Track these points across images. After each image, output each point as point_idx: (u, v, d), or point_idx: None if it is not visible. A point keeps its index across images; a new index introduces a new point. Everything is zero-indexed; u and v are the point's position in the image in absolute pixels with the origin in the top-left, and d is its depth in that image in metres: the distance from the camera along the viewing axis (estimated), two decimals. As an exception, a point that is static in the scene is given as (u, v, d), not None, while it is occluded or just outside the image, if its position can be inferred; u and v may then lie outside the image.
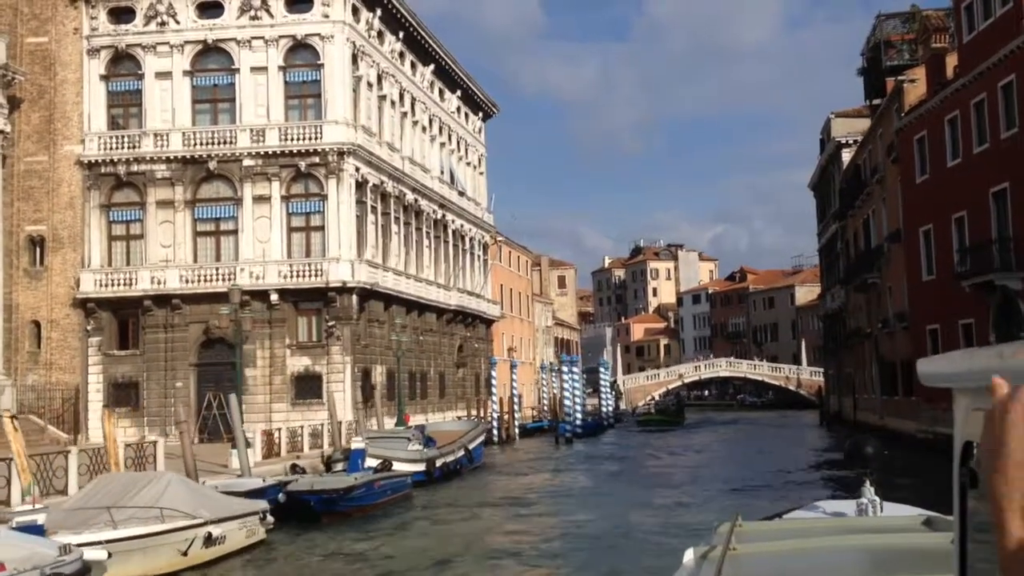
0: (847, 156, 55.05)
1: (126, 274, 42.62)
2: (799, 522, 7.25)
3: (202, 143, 43.04)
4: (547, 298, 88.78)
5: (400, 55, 50.79)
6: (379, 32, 47.74)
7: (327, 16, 43.36)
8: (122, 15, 44.25)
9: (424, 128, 54.27)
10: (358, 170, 43.60)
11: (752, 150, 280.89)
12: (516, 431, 55.98)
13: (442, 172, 56.66)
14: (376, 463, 27.34)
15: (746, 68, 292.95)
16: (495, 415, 53.82)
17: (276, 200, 42.71)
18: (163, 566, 15.60)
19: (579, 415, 58.59)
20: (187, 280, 42.19)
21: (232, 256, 42.83)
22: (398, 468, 28.05)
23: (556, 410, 62.57)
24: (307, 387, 41.58)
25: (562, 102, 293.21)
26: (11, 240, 42.55)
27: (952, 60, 36.17)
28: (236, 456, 25.80)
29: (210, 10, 43.80)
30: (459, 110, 61.34)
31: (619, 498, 28.16)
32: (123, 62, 44.37)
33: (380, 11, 46.96)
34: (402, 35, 50.23)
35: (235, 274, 41.52)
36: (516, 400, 57.78)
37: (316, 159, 42.58)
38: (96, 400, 42.43)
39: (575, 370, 60.33)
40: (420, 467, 30.09)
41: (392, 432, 33.95)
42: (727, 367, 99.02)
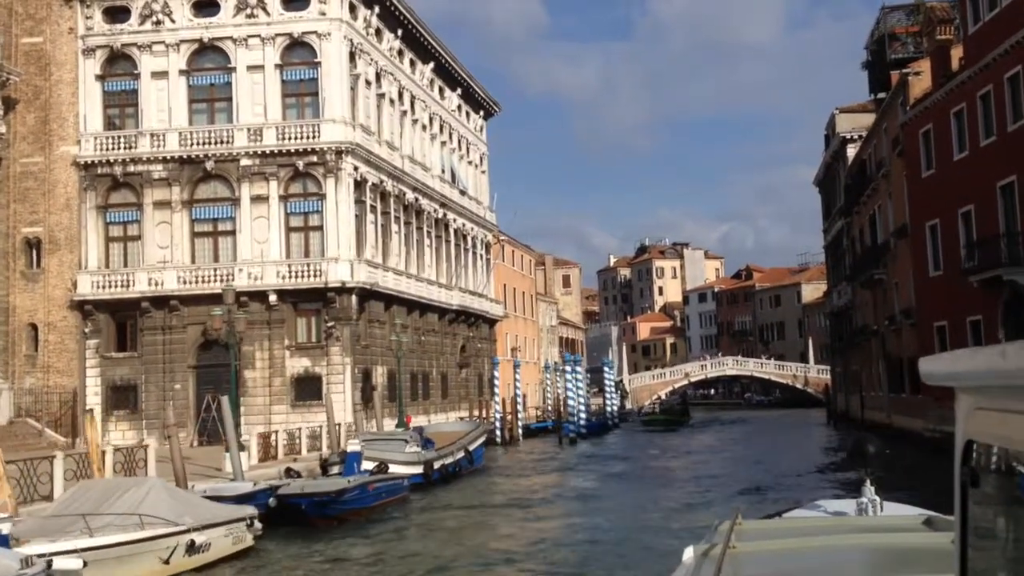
0: (852, 152, 54.51)
1: (123, 276, 42.26)
2: (799, 521, 7.27)
3: (199, 143, 42.66)
4: (551, 297, 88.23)
5: (399, 53, 50.31)
6: (377, 30, 47.26)
7: (324, 14, 42.94)
8: (117, 14, 43.88)
9: (424, 127, 53.79)
10: (357, 169, 43.17)
11: (757, 148, 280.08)
12: (519, 431, 55.49)
13: (443, 171, 56.17)
14: (372, 466, 26.85)
15: (750, 66, 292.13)
16: (498, 416, 53.29)
17: (274, 200, 42.33)
18: (144, 575, 15.08)
19: (583, 415, 58.03)
20: (185, 281, 41.80)
21: (230, 257, 42.45)
22: (395, 471, 27.55)
23: (560, 410, 62.03)
24: (307, 388, 41.19)
25: (566, 102, 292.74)
26: (7, 242, 42.25)
27: (957, 52, 35.60)
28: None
29: (206, 8, 43.42)
30: (460, 108, 60.83)
31: (621, 500, 27.66)
32: (119, 62, 44.01)
33: (378, 8, 46.50)
34: (401, 33, 49.75)
35: (233, 275, 41.16)
36: (519, 400, 57.27)
37: (314, 158, 42.18)
38: (94, 403, 42.00)
39: (579, 370, 59.79)
40: (418, 469, 29.59)
41: (389, 434, 33.45)
42: (734, 366, 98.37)
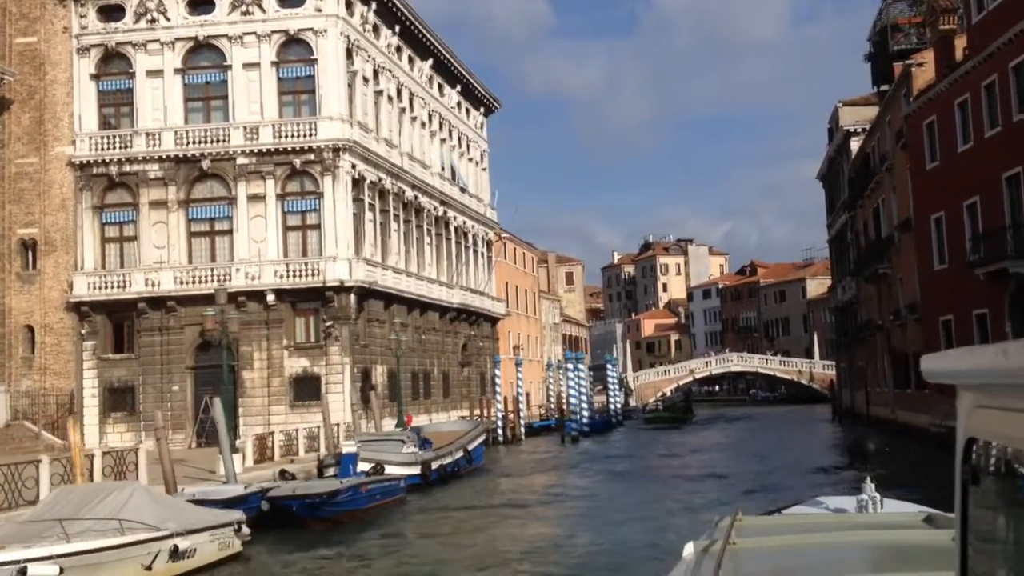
0: (855, 145, 53.95)
1: (120, 276, 41.89)
2: (799, 517, 7.29)
3: (195, 142, 42.27)
4: (554, 295, 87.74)
5: (397, 50, 49.84)
6: (374, 26, 46.81)
7: (320, 10, 42.51)
8: (112, 13, 43.48)
9: (423, 124, 53.33)
10: (354, 167, 42.74)
11: (761, 145, 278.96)
12: (522, 430, 55.02)
13: (443, 168, 55.71)
14: (368, 467, 26.40)
15: (754, 62, 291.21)
16: (500, 414, 52.87)
17: (271, 199, 41.93)
18: (125, 582, 14.67)
19: (586, 413, 57.54)
20: (182, 281, 41.42)
21: (227, 256, 42.07)
22: (391, 471, 27.10)
23: (563, 408, 61.58)
24: (306, 389, 40.77)
25: (569, 100, 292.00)
26: (3, 243, 41.92)
27: (961, 42, 35.04)
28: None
29: (201, 6, 43.00)
30: (459, 105, 60.34)
31: (623, 499, 27.16)
32: (113, 61, 43.63)
33: (375, 5, 46.04)
34: (398, 29, 49.28)
35: (230, 275, 40.79)
36: (522, 398, 56.80)
37: (311, 156, 41.76)
38: (91, 405, 41.77)
39: (581, 367, 59.27)
40: (415, 470, 29.13)
41: (386, 434, 33.01)
42: (738, 362, 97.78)
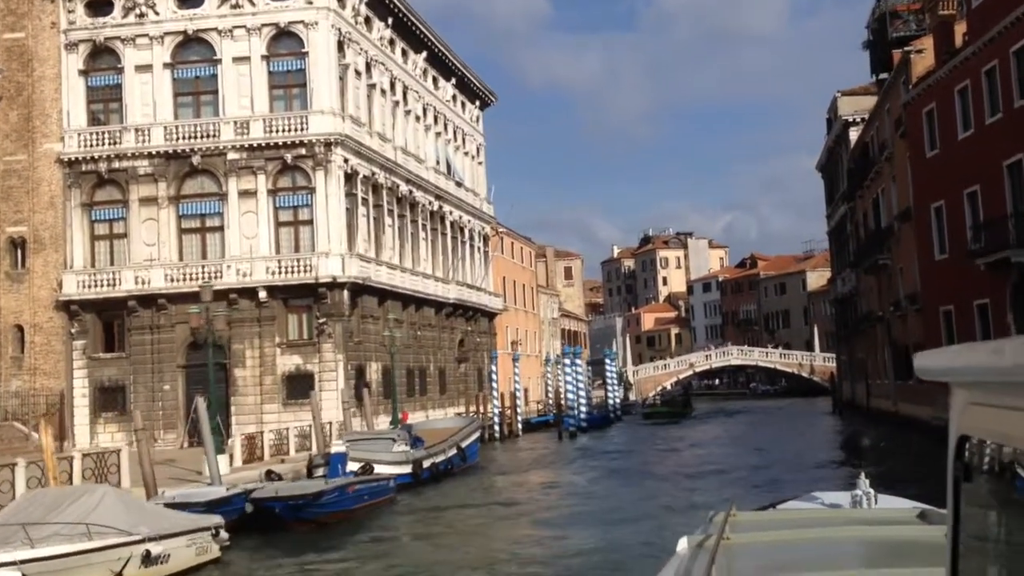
0: (854, 135, 53.38)
1: (110, 274, 41.34)
2: (793, 512, 7.32)
3: (185, 137, 41.71)
4: (553, 290, 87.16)
5: (390, 42, 49.22)
6: (367, 18, 46.21)
7: (311, 2, 41.89)
8: (100, 8, 42.88)
9: (418, 117, 52.74)
10: (347, 161, 42.17)
11: (762, 137, 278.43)
12: (519, 426, 54.48)
13: (438, 162, 55.12)
14: (358, 467, 25.85)
15: (754, 55, 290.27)
16: (496, 410, 52.31)
17: (262, 194, 41.37)
18: (94, 588, 14.15)
19: (583, 408, 56.99)
20: (172, 279, 40.87)
21: (218, 253, 41.53)
22: (381, 471, 26.53)
23: (561, 403, 61.05)
24: (299, 387, 40.18)
25: (569, 94, 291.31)
26: (-8, 242, 41.38)
27: (961, 27, 34.45)
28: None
29: (190, 0, 42.41)
30: (455, 98, 59.72)
31: (618, 497, 26.59)
32: (102, 56, 43.05)
33: (367, -4, 45.47)
34: (391, 21, 48.66)
35: (221, 272, 40.31)
36: (520, 394, 56.25)
37: (303, 151, 41.21)
38: (82, 405, 41.30)
39: (578, 362, 58.70)
40: (406, 469, 28.59)
41: (376, 433, 32.43)
42: (739, 355, 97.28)
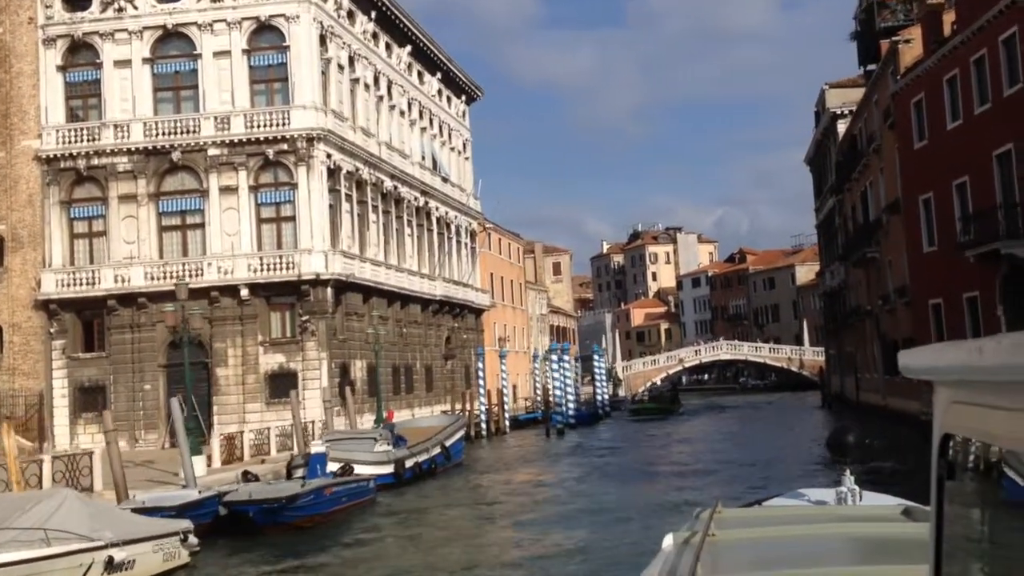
0: (843, 128, 52.97)
1: (89, 273, 40.71)
2: (778, 509, 7.35)
3: (165, 133, 41.07)
4: (541, 285, 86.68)
5: (373, 36, 48.63)
6: (349, 12, 45.61)
7: (292, -5, 41.27)
8: (78, 2, 42.21)
9: (402, 112, 52.16)
10: (330, 157, 41.60)
11: (752, 132, 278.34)
12: (506, 423, 54.00)
13: (423, 158, 54.55)
14: (337, 467, 25.31)
15: (745, 50, 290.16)
16: (483, 407, 51.81)
17: (244, 190, 40.78)
18: (55, 596, 13.61)
19: (571, 405, 56.51)
20: (153, 277, 40.26)
21: (199, 251, 40.95)
22: (362, 471, 26.01)
23: (549, 400, 60.61)
24: (282, 385, 39.62)
25: (559, 90, 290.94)
26: (-32, 241, 40.71)
27: (949, 16, 34.04)
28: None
29: (169, -7, 41.77)
30: (440, 93, 59.14)
31: (603, 497, 26.13)
32: (80, 51, 42.38)
33: (349, -11, 44.87)
34: (374, 15, 48.07)
35: (202, 269, 39.76)
36: (507, 391, 55.76)
37: (284, 146, 40.63)
38: (62, 406, 40.67)
39: (566, 358, 58.26)
40: (388, 469, 28.07)
41: (357, 433, 31.87)
42: (728, 350, 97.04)
